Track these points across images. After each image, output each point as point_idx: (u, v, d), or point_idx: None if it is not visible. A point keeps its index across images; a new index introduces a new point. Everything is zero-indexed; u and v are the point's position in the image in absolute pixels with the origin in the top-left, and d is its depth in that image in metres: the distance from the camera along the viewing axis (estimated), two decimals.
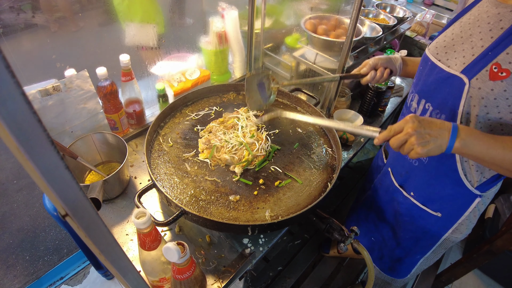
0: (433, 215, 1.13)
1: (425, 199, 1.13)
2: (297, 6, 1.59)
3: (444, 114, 0.93)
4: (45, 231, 2.04)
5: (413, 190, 1.16)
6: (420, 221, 1.18)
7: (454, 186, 1.02)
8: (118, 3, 1.25)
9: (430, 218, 1.14)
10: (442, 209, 1.11)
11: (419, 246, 1.26)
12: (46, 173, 0.30)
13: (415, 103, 1.05)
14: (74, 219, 0.35)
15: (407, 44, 2.23)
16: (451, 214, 1.10)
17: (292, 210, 0.99)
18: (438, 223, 1.14)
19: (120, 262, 0.47)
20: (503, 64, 0.78)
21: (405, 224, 1.24)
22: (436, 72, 0.94)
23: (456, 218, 1.10)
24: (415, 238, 1.24)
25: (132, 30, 1.29)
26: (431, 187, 1.08)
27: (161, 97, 1.40)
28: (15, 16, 1.01)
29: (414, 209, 1.17)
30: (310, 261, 1.91)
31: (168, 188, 1.01)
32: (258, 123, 1.26)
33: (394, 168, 1.25)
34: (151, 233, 0.73)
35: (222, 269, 0.96)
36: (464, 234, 1.17)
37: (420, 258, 1.30)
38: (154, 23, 1.33)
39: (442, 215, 1.11)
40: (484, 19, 0.86)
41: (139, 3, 1.34)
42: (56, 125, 1.10)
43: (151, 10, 1.39)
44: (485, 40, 0.83)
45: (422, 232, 1.20)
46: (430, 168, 1.05)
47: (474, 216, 1.10)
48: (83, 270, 1.84)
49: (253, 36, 1.63)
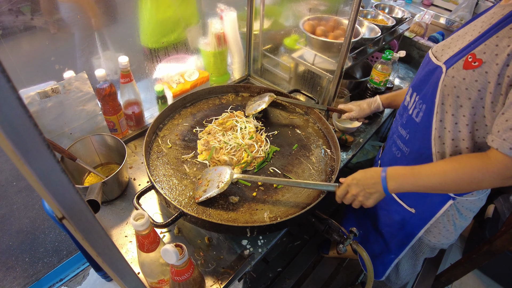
0: (407, 210, 1.15)
1: (402, 194, 1.16)
2: (296, 7, 1.59)
3: (425, 104, 0.95)
4: (45, 233, 2.04)
5: None
6: (396, 215, 1.20)
7: None
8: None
9: (405, 213, 1.16)
10: (416, 205, 1.13)
11: (394, 243, 1.28)
12: (42, 177, 0.30)
13: (408, 97, 1.08)
14: (71, 221, 0.35)
15: (406, 45, 2.23)
16: (424, 212, 1.12)
17: (291, 211, 0.99)
18: (412, 220, 1.16)
19: (118, 264, 0.47)
20: (478, 54, 0.80)
21: (383, 218, 1.27)
22: (427, 66, 0.98)
23: (428, 217, 1.11)
24: (391, 233, 1.27)
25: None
26: None
27: (160, 99, 1.40)
28: (14, 18, 1.01)
29: (391, 203, 1.20)
30: (309, 262, 1.91)
31: (167, 190, 1.01)
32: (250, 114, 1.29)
33: (382, 160, 1.28)
34: (149, 235, 0.73)
35: (221, 270, 0.96)
36: (441, 242, 1.18)
37: (394, 258, 1.32)
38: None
39: (416, 211, 1.13)
40: (482, 19, 0.87)
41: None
42: (55, 127, 1.10)
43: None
44: (474, 35, 0.85)
45: (398, 228, 1.22)
46: (409, 160, 1.07)
47: (448, 221, 1.11)
48: (83, 272, 1.84)
49: (251, 38, 1.63)
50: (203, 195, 0.95)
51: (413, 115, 1.02)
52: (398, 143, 1.13)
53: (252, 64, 1.75)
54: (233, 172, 0.99)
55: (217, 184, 0.96)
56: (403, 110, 1.11)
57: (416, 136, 1.02)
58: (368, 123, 1.63)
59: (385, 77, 1.67)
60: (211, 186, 0.96)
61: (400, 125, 1.11)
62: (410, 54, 2.24)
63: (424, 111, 0.96)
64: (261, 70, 1.78)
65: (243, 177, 0.99)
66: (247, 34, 1.62)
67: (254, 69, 1.78)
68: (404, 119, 1.09)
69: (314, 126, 1.34)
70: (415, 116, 1.01)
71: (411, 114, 1.03)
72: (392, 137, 1.18)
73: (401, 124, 1.10)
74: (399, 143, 1.11)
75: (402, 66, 2.22)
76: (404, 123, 1.08)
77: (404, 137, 1.08)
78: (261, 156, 1.14)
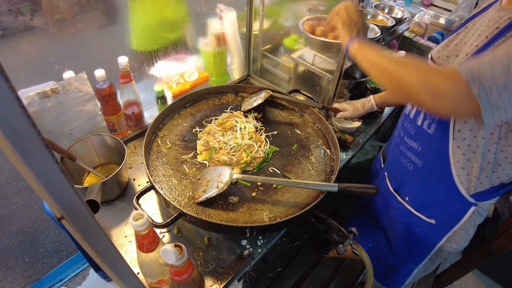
0: (427, 222, 1.11)
1: (419, 205, 1.12)
2: (295, 7, 1.60)
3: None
4: (45, 233, 2.04)
5: (408, 195, 1.15)
6: (413, 228, 1.16)
7: (448, 192, 1.01)
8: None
9: (424, 225, 1.12)
10: (436, 216, 1.09)
11: (412, 255, 1.24)
12: (41, 177, 0.30)
13: (410, 105, 1.07)
14: (69, 221, 0.35)
15: (405, 45, 2.24)
16: (445, 221, 1.08)
17: (290, 211, 0.99)
18: (432, 230, 1.12)
19: (117, 264, 0.47)
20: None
21: (399, 230, 1.22)
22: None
23: (450, 226, 1.08)
24: (408, 246, 1.22)
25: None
26: (425, 191, 1.07)
27: (160, 99, 1.40)
28: (13, 19, 1.01)
29: (408, 216, 1.16)
30: (309, 262, 1.91)
31: (166, 190, 1.01)
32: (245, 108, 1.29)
33: (390, 172, 1.25)
34: (149, 235, 0.73)
35: (221, 270, 0.96)
36: (461, 245, 1.14)
37: (414, 268, 1.28)
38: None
39: (436, 222, 1.09)
40: (485, 23, 0.87)
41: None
42: (55, 127, 1.10)
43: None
44: (480, 41, 0.84)
45: (416, 240, 1.18)
46: (424, 171, 1.04)
47: (470, 226, 1.07)
48: (83, 272, 1.84)
49: (251, 38, 1.63)
50: (203, 195, 0.95)
51: (424, 126, 0.99)
52: (408, 155, 1.09)
53: (251, 64, 1.75)
54: (233, 172, 0.99)
55: (216, 184, 0.96)
56: (406, 119, 1.08)
57: (430, 148, 0.99)
58: (368, 123, 1.63)
59: None
60: (210, 186, 0.96)
61: (408, 136, 1.08)
62: (409, 54, 2.24)
63: (438, 123, 0.93)
64: (260, 70, 1.78)
65: (243, 177, 0.99)
66: (247, 34, 1.62)
67: (254, 69, 1.78)
68: (411, 130, 1.06)
69: (313, 126, 1.34)
70: (426, 128, 0.98)
71: (421, 125, 1.00)
72: (399, 148, 1.14)
73: (409, 136, 1.07)
74: (410, 155, 1.08)
75: None
76: (412, 135, 1.05)
77: (415, 149, 1.05)
78: (261, 156, 1.14)
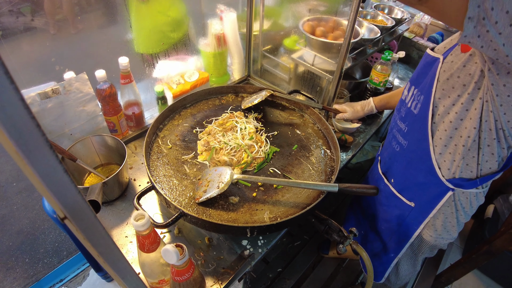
0: (407, 204, 1.15)
1: (402, 187, 1.16)
2: (295, 8, 1.60)
3: (423, 95, 0.97)
4: (45, 233, 2.04)
5: (394, 177, 1.19)
6: (395, 210, 1.20)
7: (426, 173, 1.04)
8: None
9: (404, 207, 1.16)
10: (415, 199, 1.12)
11: (393, 241, 1.27)
12: (44, 177, 0.30)
13: (406, 91, 1.10)
14: (72, 221, 0.35)
15: (405, 45, 2.24)
16: (423, 205, 1.11)
17: (290, 211, 0.99)
18: (411, 214, 1.15)
19: (119, 264, 0.47)
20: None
21: (383, 214, 1.27)
22: (425, 59, 1.00)
23: (428, 210, 1.10)
24: (391, 230, 1.26)
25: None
26: (408, 173, 1.11)
27: (160, 99, 1.40)
28: (14, 19, 1.01)
29: (391, 197, 1.20)
30: (309, 263, 1.91)
31: (167, 190, 1.01)
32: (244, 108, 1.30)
33: (382, 156, 1.29)
34: (150, 235, 0.73)
35: (221, 270, 0.96)
36: (443, 237, 1.15)
37: (394, 257, 1.31)
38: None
39: (415, 205, 1.13)
40: None
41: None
42: (56, 127, 1.10)
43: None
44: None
45: (397, 223, 1.22)
46: (408, 152, 1.08)
47: (451, 213, 1.08)
48: (83, 272, 1.83)
49: (251, 38, 1.64)
50: (203, 195, 0.96)
51: (412, 108, 1.04)
52: (397, 137, 1.14)
53: (252, 64, 1.75)
54: (233, 173, 0.99)
55: (217, 184, 0.96)
56: (401, 104, 1.12)
57: (414, 127, 1.03)
58: (368, 124, 1.64)
59: (385, 78, 1.68)
60: (211, 187, 0.96)
61: (399, 118, 1.12)
62: (409, 54, 2.24)
63: (422, 102, 0.98)
64: (261, 70, 1.78)
65: (243, 178, 0.99)
66: (247, 35, 1.63)
67: (254, 70, 1.79)
68: (402, 112, 1.10)
69: (313, 126, 1.34)
70: (413, 108, 1.03)
71: (410, 107, 1.05)
72: (392, 132, 1.19)
73: (400, 118, 1.11)
74: (399, 136, 1.13)
75: (402, 67, 2.23)
76: (403, 117, 1.10)
77: (403, 130, 1.09)
78: (261, 157, 1.14)
